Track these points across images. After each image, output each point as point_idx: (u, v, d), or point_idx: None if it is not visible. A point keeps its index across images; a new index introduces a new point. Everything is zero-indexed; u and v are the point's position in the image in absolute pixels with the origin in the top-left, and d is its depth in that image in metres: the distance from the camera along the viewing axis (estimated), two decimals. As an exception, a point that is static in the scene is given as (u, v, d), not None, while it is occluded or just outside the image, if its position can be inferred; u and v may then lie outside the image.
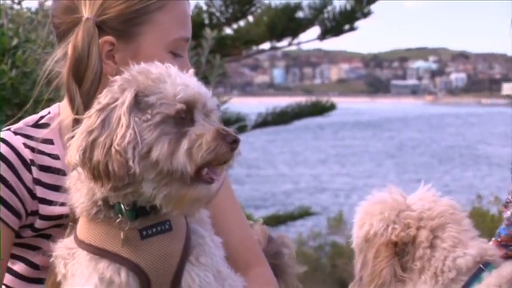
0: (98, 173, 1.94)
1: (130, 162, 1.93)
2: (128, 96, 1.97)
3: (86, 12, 2.23)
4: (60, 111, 2.35)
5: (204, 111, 2.02)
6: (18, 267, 2.31)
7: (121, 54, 2.26)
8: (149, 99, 1.99)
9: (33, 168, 2.26)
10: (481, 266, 2.22)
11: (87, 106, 2.13)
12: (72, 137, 2.00)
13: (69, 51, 2.23)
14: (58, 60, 2.28)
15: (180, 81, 2.02)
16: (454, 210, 2.30)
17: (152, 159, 1.95)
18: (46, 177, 2.26)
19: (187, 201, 2.00)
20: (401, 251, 2.25)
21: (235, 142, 1.97)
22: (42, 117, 2.36)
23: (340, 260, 14.66)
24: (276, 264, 2.58)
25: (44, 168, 2.27)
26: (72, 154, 1.97)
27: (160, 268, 2.04)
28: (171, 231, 2.07)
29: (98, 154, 1.93)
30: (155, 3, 2.26)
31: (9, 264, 2.30)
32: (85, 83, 2.20)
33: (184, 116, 1.99)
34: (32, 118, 2.36)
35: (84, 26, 2.22)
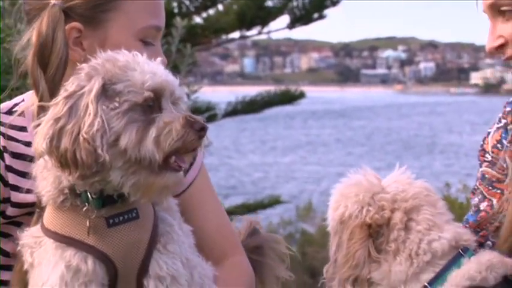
0: (65, 161, 1.93)
1: (99, 151, 1.92)
2: (96, 84, 1.96)
3: None
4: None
5: (171, 99, 2.02)
6: None
7: (89, 41, 2.24)
8: (117, 87, 1.97)
9: (6, 155, 2.24)
10: (460, 251, 2.23)
11: (53, 92, 2.11)
12: (39, 124, 1.97)
13: (34, 37, 2.21)
14: (24, 47, 2.26)
15: (147, 69, 2.01)
16: (429, 192, 2.30)
17: (121, 147, 1.94)
18: (18, 164, 2.24)
19: (155, 189, 1.99)
20: (375, 233, 2.25)
21: (202, 130, 1.96)
22: (16, 105, 2.34)
23: (310, 248, 14.71)
24: (254, 259, 2.57)
25: (16, 155, 2.25)
26: (39, 142, 1.95)
27: (127, 256, 2.03)
28: (138, 220, 2.06)
29: (66, 142, 1.92)
30: None
31: None
32: (50, 69, 2.18)
33: (152, 103, 1.98)
34: (5, 105, 2.34)
35: (50, 12, 2.20)
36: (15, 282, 2.17)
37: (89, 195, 2.01)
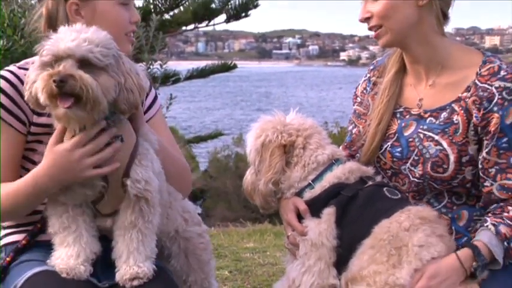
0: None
1: (25, 97, 1.91)
2: (40, 53, 1.91)
3: None
4: None
5: (76, 59, 1.86)
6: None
7: (85, 11, 2.11)
8: (42, 53, 1.90)
9: None
10: (333, 161, 2.23)
11: None
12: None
13: (44, 12, 2.11)
14: (36, 19, 2.14)
15: (58, 38, 1.89)
16: (317, 126, 2.31)
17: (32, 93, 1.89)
18: None
19: (60, 118, 1.91)
20: (287, 151, 2.25)
21: (55, 81, 1.83)
22: (27, 63, 2.20)
23: (241, 163, 14.81)
24: None
25: None
26: (26, 87, 1.93)
27: None
28: (123, 143, 1.98)
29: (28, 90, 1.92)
30: None
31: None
32: None
33: (54, 63, 1.87)
34: (31, 59, 2.20)
35: None
36: None
37: None
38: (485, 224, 2.08)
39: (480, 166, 2.11)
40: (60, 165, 1.94)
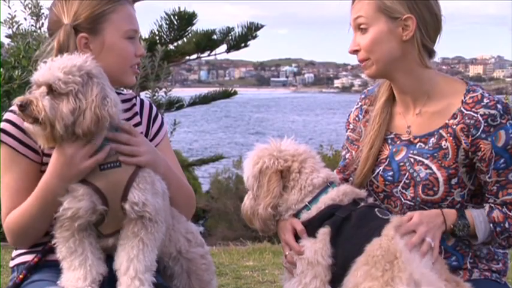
0: None
1: None
2: None
3: (65, 20, 2.11)
4: None
5: (47, 86, 1.92)
6: None
7: (94, 44, 2.12)
8: None
9: None
10: (328, 184, 2.22)
11: None
12: None
13: (55, 45, 2.11)
14: (49, 51, 2.14)
15: (40, 68, 1.95)
16: (311, 151, 2.29)
17: None
18: None
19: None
20: (284, 176, 2.24)
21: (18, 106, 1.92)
22: None
23: (241, 185, 14.76)
24: None
25: None
26: None
27: (112, 189, 1.96)
28: (120, 167, 1.98)
29: None
30: (109, 8, 2.12)
31: None
32: None
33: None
34: None
35: (64, 28, 2.10)
36: None
37: None
38: (484, 205, 2.15)
39: (486, 189, 2.16)
40: (62, 161, 1.96)
